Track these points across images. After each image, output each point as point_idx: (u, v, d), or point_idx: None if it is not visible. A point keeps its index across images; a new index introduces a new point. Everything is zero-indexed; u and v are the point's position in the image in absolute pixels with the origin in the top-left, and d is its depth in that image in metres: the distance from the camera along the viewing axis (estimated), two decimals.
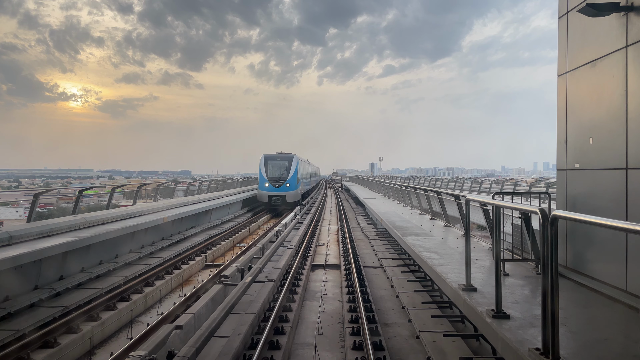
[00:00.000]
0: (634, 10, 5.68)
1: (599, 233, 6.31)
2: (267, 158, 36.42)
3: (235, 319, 8.67)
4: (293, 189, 34.98)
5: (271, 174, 35.25)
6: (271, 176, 35.02)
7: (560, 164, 7.53)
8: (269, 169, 35.39)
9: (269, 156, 36.81)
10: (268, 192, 34.23)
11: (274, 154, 37.37)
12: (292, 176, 35.12)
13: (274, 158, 36.60)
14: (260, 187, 35.22)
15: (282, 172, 35.59)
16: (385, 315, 9.53)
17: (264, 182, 34.66)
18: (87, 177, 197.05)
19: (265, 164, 35.72)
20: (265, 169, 35.32)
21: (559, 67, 7.62)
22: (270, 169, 35.58)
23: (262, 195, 34.65)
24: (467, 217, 7.26)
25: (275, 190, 34.24)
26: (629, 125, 5.76)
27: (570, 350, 4.25)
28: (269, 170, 35.34)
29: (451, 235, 12.80)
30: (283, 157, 36.79)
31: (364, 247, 18.43)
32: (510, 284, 6.81)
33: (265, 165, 35.65)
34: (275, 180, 34.71)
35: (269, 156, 36.81)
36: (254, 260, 13.66)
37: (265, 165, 35.65)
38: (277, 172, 35.68)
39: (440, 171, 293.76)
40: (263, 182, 34.72)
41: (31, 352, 7.57)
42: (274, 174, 35.35)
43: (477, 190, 37.33)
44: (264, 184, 34.61)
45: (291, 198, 34.79)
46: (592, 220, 3.51)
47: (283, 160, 36.51)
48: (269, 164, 35.78)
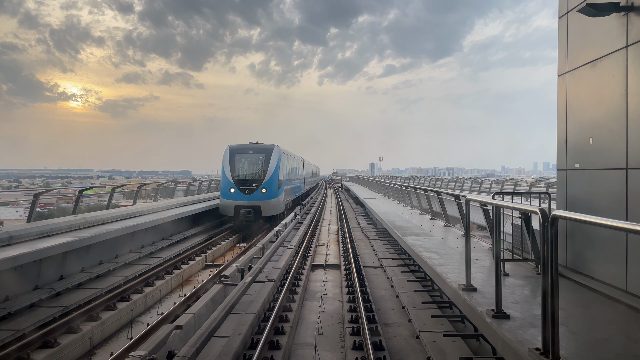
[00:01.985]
0: (634, 10, 5.68)
1: (599, 233, 6.31)
2: (233, 151, 24.40)
3: (235, 319, 8.67)
4: (272, 195, 23.39)
5: (239, 174, 23.86)
6: (239, 177, 23.63)
7: (560, 164, 7.53)
8: (235, 167, 23.84)
9: (236, 148, 24.75)
10: (234, 201, 22.80)
11: (245, 145, 25.46)
12: (271, 177, 23.46)
13: (244, 150, 24.69)
14: (222, 194, 23.30)
15: (257, 171, 24.15)
16: (386, 315, 9.53)
17: (228, 187, 23.08)
18: (87, 177, 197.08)
19: (231, 159, 23.99)
20: (230, 167, 23.67)
21: (559, 67, 7.62)
22: (239, 167, 24.18)
23: (226, 206, 23.12)
24: (467, 217, 7.26)
25: (245, 198, 22.87)
26: (629, 125, 5.75)
27: (570, 350, 4.25)
28: (235, 168, 23.80)
29: (451, 235, 12.80)
30: (258, 150, 24.84)
31: (364, 247, 18.43)
32: (510, 284, 6.81)
33: (230, 161, 23.91)
34: (245, 184, 23.23)
35: (236, 148, 24.75)
36: (254, 260, 13.66)
37: (231, 161, 23.92)
38: (249, 171, 24.49)
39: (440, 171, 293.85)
40: (227, 187, 23.13)
41: (31, 352, 7.57)
42: (243, 174, 24.04)
43: (477, 190, 37.35)
44: (228, 189, 23.03)
45: (269, 210, 23.50)
46: (592, 220, 3.51)
47: (258, 154, 24.63)
48: (237, 160, 24.15)
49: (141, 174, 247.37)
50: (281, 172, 24.87)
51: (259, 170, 24.16)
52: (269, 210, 23.46)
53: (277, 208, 24.13)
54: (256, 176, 23.95)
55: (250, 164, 24.76)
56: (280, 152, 25.09)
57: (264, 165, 23.98)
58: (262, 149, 24.88)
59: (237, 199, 22.89)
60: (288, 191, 27.99)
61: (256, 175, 24.05)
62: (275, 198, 23.63)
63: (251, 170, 24.54)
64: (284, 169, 25.79)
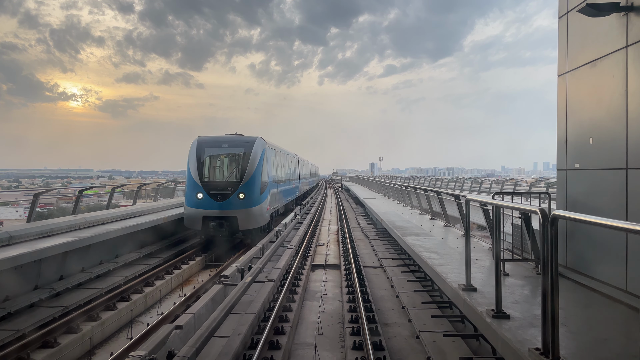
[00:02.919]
0: (634, 10, 5.68)
1: (599, 233, 6.31)
2: (203, 144, 18.85)
3: (235, 319, 8.67)
4: (253, 202, 17.92)
5: (209, 174, 18.60)
6: (209, 179, 18.33)
7: (560, 164, 7.53)
8: (204, 165, 18.41)
9: (206, 140, 19.16)
10: (202, 210, 17.51)
11: (218, 137, 19.89)
12: (251, 178, 17.96)
13: (217, 144, 19.22)
14: (187, 201, 18.00)
15: (232, 170, 18.79)
16: (385, 315, 9.53)
17: (194, 192, 17.74)
18: (87, 177, 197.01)
19: (199, 155, 18.43)
20: (197, 166, 18.12)
21: (559, 67, 7.62)
22: (209, 165, 18.73)
23: (192, 216, 17.76)
24: (467, 217, 7.26)
25: (216, 206, 17.52)
26: (629, 125, 5.76)
27: (570, 350, 4.25)
28: (204, 167, 18.40)
29: (451, 235, 12.80)
30: (235, 143, 19.31)
31: (364, 247, 18.42)
32: (510, 284, 6.81)
33: (198, 157, 18.34)
34: (217, 188, 17.86)
35: (206, 140, 19.16)
36: (254, 260, 13.66)
37: (199, 157, 18.36)
38: (222, 170, 19.27)
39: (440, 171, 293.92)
40: (193, 192, 17.77)
41: (31, 352, 7.57)
42: (214, 175, 18.83)
43: (477, 190, 37.36)
44: (194, 194, 17.69)
45: (249, 221, 17.90)
46: (592, 220, 3.51)
47: (234, 149, 19.20)
48: (206, 156, 18.67)
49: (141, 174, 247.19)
50: (266, 171, 19.08)
51: (236, 169, 18.37)
52: (248, 221, 17.51)
53: (259, 218, 18.06)
54: (231, 177, 18.19)
55: (223, 161, 19.33)
56: (264, 147, 19.09)
57: (242, 162, 18.09)
58: (240, 142, 19.02)
59: (206, 207, 17.21)
60: (276, 196, 21.99)
61: (231, 176, 18.27)
62: (256, 205, 17.66)
63: (225, 170, 19.01)
64: (269, 167, 20.17)
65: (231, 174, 18.70)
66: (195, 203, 17.60)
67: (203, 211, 17.48)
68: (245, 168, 18.08)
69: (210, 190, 17.66)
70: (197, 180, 17.76)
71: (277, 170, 23.42)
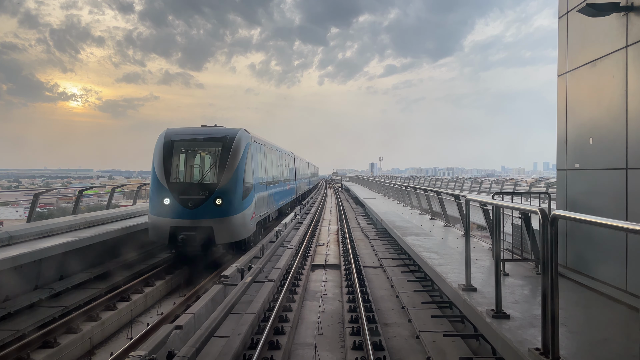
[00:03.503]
0: (634, 10, 5.68)
1: (599, 233, 6.31)
2: (171, 138, 14.90)
3: (235, 319, 8.67)
4: (233, 209, 14.10)
5: (178, 175, 14.90)
6: (178, 181, 14.61)
7: (560, 164, 7.54)
8: (173, 164, 14.59)
9: (176, 134, 15.13)
10: (169, 219, 13.79)
11: (190, 130, 15.80)
12: (231, 179, 14.22)
13: (189, 138, 15.30)
14: (152, 209, 14.18)
15: (207, 170, 15.14)
16: (385, 315, 9.53)
17: (160, 196, 13.98)
18: (87, 177, 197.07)
19: (166, 152, 14.61)
20: (164, 165, 14.34)
21: (559, 67, 7.62)
22: (178, 164, 15.07)
23: (157, 227, 14.00)
24: (467, 217, 7.27)
25: (187, 215, 13.79)
26: (629, 125, 5.76)
27: (570, 350, 4.25)
28: (173, 166, 14.57)
29: (451, 235, 12.80)
30: (211, 137, 15.39)
31: (364, 247, 18.43)
32: (510, 284, 6.81)
33: (165, 154, 14.54)
34: (188, 191, 14.09)
35: (176, 134, 15.13)
36: (254, 261, 13.66)
37: (166, 154, 14.55)
38: (194, 170, 15.73)
39: (440, 171, 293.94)
40: (159, 197, 14.00)
41: (31, 352, 7.57)
42: (184, 176, 15.22)
43: (477, 190, 37.37)
44: (160, 199, 13.95)
45: (228, 233, 14.04)
46: (592, 220, 3.51)
47: (210, 144, 15.55)
48: (175, 153, 14.89)
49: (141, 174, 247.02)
50: (250, 170, 15.11)
51: (212, 168, 14.68)
52: (227, 233, 13.72)
53: (240, 229, 14.13)
54: (206, 178, 14.56)
55: (197, 159, 15.94)
56: (248, 141, 15.21)
57: (219, 160, 14.26)
58: (218, 135, 14.94)
59: (174, 215, 13.46)
60: (265, 200, 17.98)
61: (206, 176, 14.65)
62: (237, 213, 13.87)
63: (198, 169, 15.51)
64: (255, 166, 16.19)
65: (206, 175, 14.85)
66: (160, 211, 13.66)
67: (170, 221, 13.49)
68: (224, 167, 14.00)
69: (180, 195, 13.65)
70: (163, 182, 13.81)
71: (267, 169, 19.37)
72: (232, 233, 14.04)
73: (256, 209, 15.92)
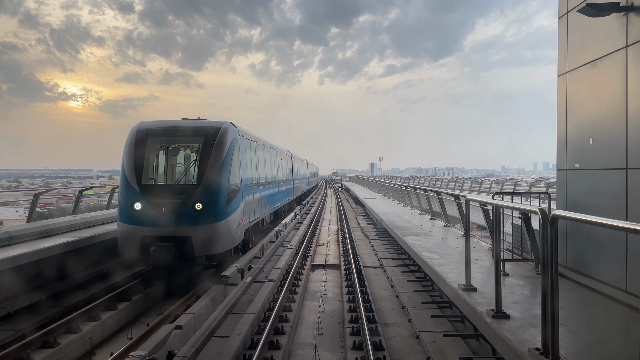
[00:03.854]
0: (634, 10, 5.68)
1: (599, 233, 6.31)
2: (144, 132, 12.51)
3: (235, 319, 8.67)
4: (217, 216, 11.70)
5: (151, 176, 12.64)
6: (151, 182, 12.39)
7: (560, 164, 7.54)
8: (145, 163, 12.21)
9: (150, 129, 12.72)
10: (140, 227, 11.36)
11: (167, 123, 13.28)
12: (213, 181, 11.78)
13: (166, 132, 13.13)
14: (121, 216, 11.73)
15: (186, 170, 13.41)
16: (385, 315, 9.53)
17: (130, 200, 11.57)
18: (87, 177, 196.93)
19: (138, 149, 12.18)
20: (135, 164, 11.96)
21: (559, 67, 7.62)
22: (152, 164, 13.00)
23: (126, 236, 11.60)
24: (467, 217, 7.27)
25: (160, 222, 11.26)
26: (629, 125, 5.76)
27: (570, 350, 4.25)
28: (145, 165, 12.21)
29: (451, 235, 12.80)
30: (191, 131, 12.99)
31: (364, 247, 18.43)
32: (510, 284, 6.81)
33: (136, 152, 12.14)
34: (162, 195, 11.75)
35: (150, 129, 12.72)
36: (254, 261, 13.66)
37: (138, 151, 12.15)
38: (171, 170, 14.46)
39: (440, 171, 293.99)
40: (129, 200, 11.60)
41: (31, 352, 7.57)
42: (159, 177, 13.57)
43: (477, 190, 37.38)
44: (130, 203, 11.53)
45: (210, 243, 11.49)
46: (592, 220, 3.51)
47: (190, 139, 13.72)
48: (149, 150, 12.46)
49: None
50: (237, 170, 12.84)
51: (191, 168, 12.64)
52: (209, 243, 11.45)
53: (224, 239, 11.87)
54: (185, 179, 12.72)
55: (174, 157, 14.19)
56: (235, 136, 12.91)
57: (200, 158, 12.08)
58: (200, 129, 12.63)
59: (147, 223, 11.32)
60: (256, 204, 15.37)
61: (185, 177, 12.79)
62: (221, 220, 11.73)
63: (176, 169, 14.00)
64: (244, 165, 13.81)
65: (184, 175, 12.89)
66: (131, 217, 11.35)
67: (142, 229, 11.19)
68: (206, 166, 11.65)
69: (153, 199, 11.35)
70: (133, 184, 11.53)
71: (259, 168, 16.76)
72: (214, 243, 11.57)
73: (244, 214, 13.35)
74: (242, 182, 13.42)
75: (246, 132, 15.07)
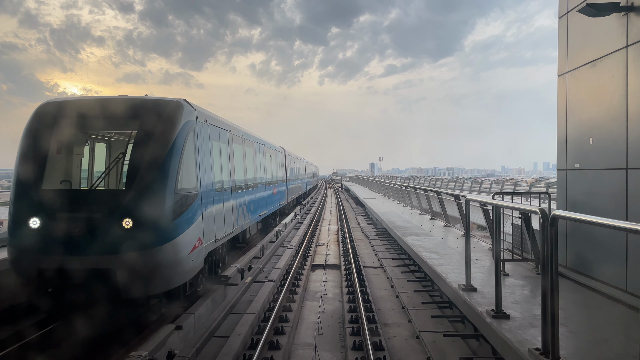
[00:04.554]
0: (634, 10, 5.68)
1: (599, 233, 6.31)
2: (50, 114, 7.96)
3: (235, 319, 8.68)
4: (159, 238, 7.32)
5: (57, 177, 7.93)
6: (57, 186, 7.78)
7: (560, 164, 7.54)
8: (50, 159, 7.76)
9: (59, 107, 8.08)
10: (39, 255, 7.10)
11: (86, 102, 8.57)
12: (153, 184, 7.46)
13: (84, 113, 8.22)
14: (11, 237, 7.42)
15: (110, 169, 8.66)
16: (385, 315, 9.53)
17: (26, 214, 7.24)
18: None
19: (37, 137, 7.79)
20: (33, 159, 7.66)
21: (559, 67, 7.62)
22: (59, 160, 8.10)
23: (19, 266, 7.44)
24: (467, 217, 7.27)
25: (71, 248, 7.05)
26: (629, 125, 5.76)
27: (570, 350, 4.25)
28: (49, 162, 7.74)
29: (451, 235, 12.81)
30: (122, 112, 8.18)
31: (364, 247, 18.43)
32: (510, 284, 6.81)
33: (35, 142, 7.78)
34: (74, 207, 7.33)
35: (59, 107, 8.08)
36: (254, 261, 13.66)
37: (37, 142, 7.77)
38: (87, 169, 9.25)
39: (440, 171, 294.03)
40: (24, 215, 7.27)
41: (31, 352, 7.56)
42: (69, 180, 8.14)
43: (477, 190, 37.37)
44: (25, 219, 7.21)
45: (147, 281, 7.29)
46: (592, 220, 3.51)
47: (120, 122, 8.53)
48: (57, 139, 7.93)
49: None
50: (191, 168, 8.61)
51: (117, 165, 8.65)
52: (144, 280, 7.38)
53: (169, 272, 7.67)
54: (107, 182, 9.06)
55: (94, 149, 9.70)
56: (191, 119, 8.76)
57: (133, 150, 7.85)
58: (134, 108, 8.36)
59: (47, 249, 7.29)
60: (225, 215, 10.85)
61: (107, 180, 9.03)
62: (163, 244, 7.51)
63: (95, 167, 9.66)
64: (204, 160, 9.41)
65: (107, 176, 8.88)
66: (24, 240, 7.43)
67: (40, 258, 7.34)
68: (140, 162, 7.71)
69: (58, 212, 7.46)
70: (30, 189, 7.63)
71: (234, 166, 12.28)
72: (151, 280, 7.46)
73: (206, 231, 8.95)
74: (203, 186, 8.91)
75: (212, 116, 10.27)
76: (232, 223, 11.55)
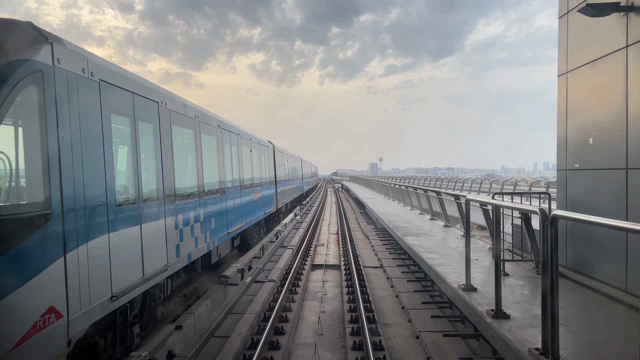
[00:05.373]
0: (634, 10, 5.68)
1: (599, 233, 6.31)
2: None
3: (235, 319, 8.67)
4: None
5: None
6: None
7: (561, 164, 7.54)
8: None
9: None
10: None
11: None
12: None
13: None
14: None
15: None
16: (385, 315, 9.53)
17: None
18: None
19: None
20: None
21: (559, 67, 7.62)
22: None
23: None
24: (467, 217, 7.27)
25: None
26: (629, 125, 5.76)
27: (570, 350, 4.25)
28: None
29: (451, 235, 12.81)
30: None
31: (364, 247, 18.42)
32: (510, 284, 6.81)
33: None
34: None
35: None
36: (254, 261, 13.66)
37: None
38: None
39: (441, 171, 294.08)
40: None
41: None
42: None
43: (477, 190, 37.37)
44: None
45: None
46: (592, 220, 3.51)
47: None
48: None
49: None
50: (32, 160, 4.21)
51: None
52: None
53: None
54: None
55: None
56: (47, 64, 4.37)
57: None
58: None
59: None
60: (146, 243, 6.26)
61: None
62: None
63: None
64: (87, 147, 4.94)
65: None
66: None
67: None
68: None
69: None
70: None
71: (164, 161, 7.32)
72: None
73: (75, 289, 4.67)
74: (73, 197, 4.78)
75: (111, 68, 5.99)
76: (163, 254, 7.04)
